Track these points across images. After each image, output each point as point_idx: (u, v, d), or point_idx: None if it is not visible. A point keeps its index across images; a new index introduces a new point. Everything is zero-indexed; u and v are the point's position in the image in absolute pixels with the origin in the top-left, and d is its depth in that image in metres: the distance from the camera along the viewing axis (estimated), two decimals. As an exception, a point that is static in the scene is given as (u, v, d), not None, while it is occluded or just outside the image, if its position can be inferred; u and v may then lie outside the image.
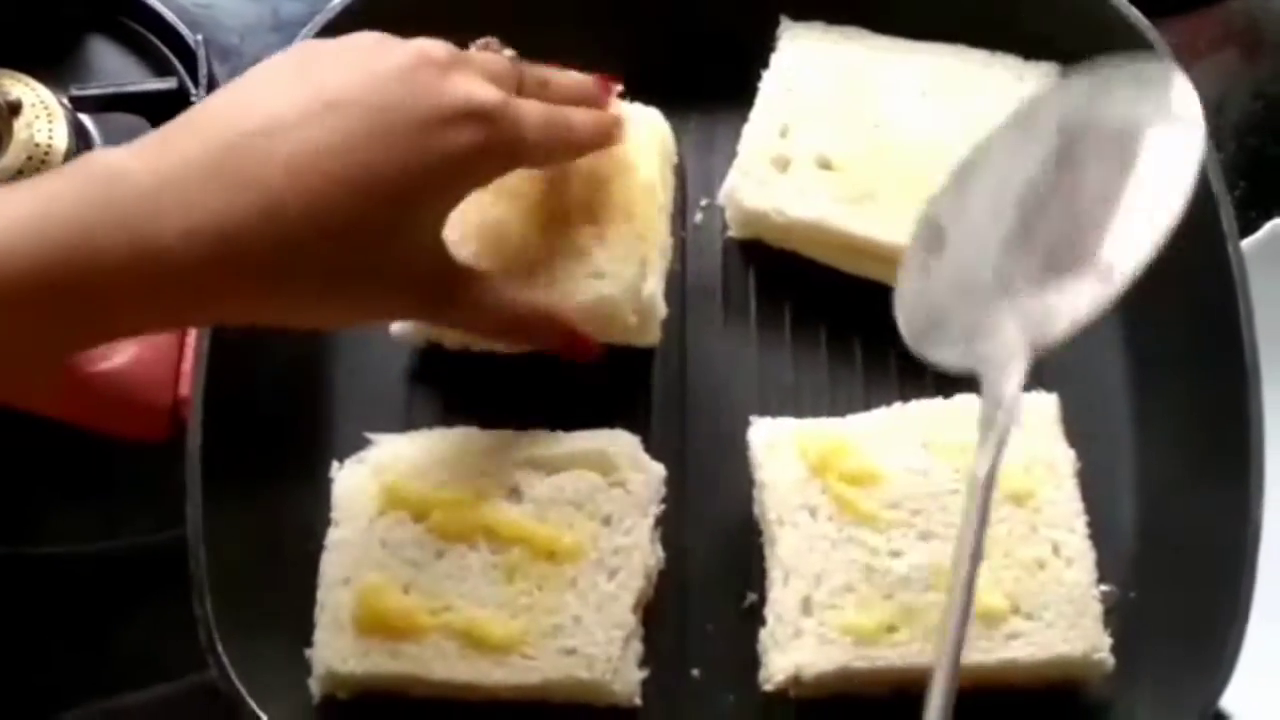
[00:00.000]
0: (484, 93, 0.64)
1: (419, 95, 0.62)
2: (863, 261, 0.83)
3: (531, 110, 0.68)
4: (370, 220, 0.61)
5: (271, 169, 0.59)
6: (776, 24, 0.88)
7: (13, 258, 0.55)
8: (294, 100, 0.61)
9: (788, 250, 0.86)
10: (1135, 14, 0.84)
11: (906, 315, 0.69)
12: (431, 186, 0.63)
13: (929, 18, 0.87)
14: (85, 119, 0.96)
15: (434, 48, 0.65)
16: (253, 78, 0.64)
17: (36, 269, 0.55)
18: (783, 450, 0.78)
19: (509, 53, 0.73)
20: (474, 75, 0.66)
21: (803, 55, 0.87)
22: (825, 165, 0.84)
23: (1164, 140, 0.63)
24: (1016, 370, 0.62)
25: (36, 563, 0.87)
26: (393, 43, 0.65)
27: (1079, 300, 0.62)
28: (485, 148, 0.64)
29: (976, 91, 0.86)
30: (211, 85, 0.96)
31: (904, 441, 0.77)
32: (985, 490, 0.61)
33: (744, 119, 0.86)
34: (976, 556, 0.60)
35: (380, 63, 0.63)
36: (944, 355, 0.67)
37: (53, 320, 0.57)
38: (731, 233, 0.87)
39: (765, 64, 0.87)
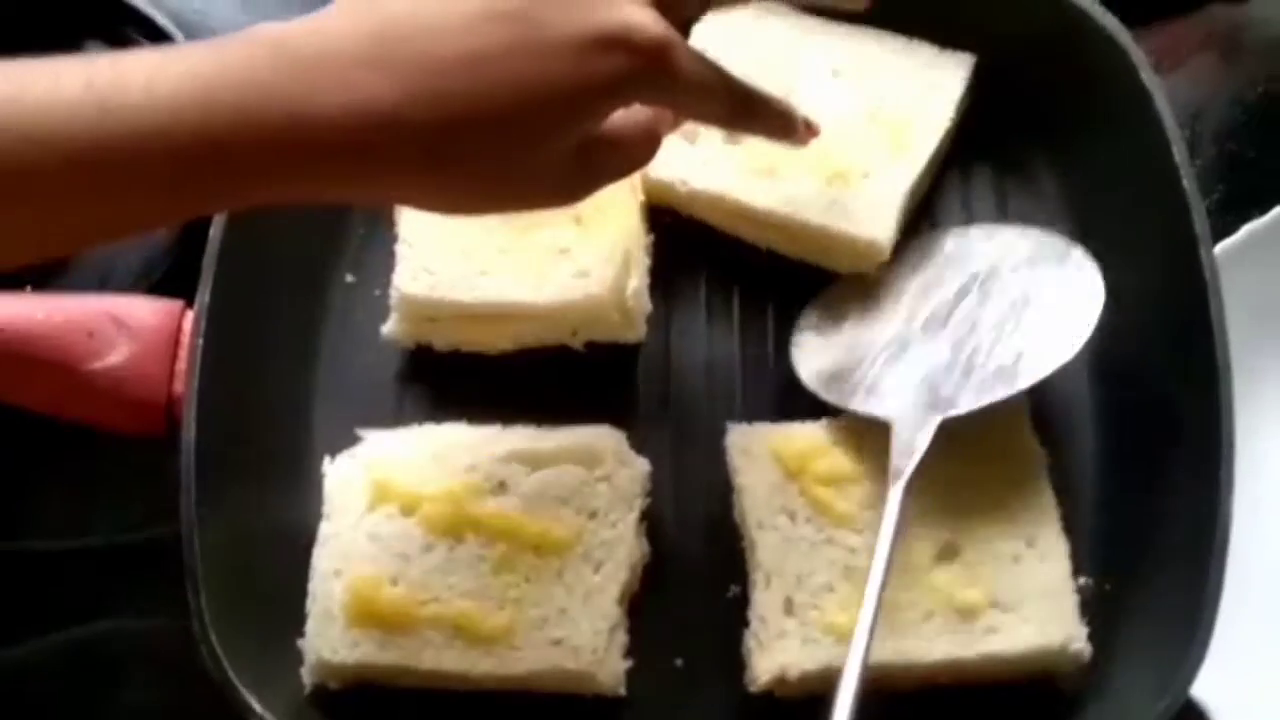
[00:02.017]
0: (641, 20, 0.62)
1: (574, 18, 0.61)
2: (766, 233, 0.86)
3: (691, 58, 0.66)
4: (527, 120, 0.61)
5: (435, 61, 0.59)
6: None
7: (182, 115, 0.56)
8: (455, 7, 0.61)
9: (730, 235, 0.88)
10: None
11: (807, 365, 0.83)
12: (579, 103, 0.62)
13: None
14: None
15: None
16: None
17: (201, 129, 0.56)
18: (759, 455, 0.79)
19: None
20: (639, 2, 0.64)
21: (722, 29, 0.87)
22: (732, 139, 0.86)
23: (1066, 296, 0.80)
24: (929, 428, 0.76)
25: (31, 558, 0.88)
26: None
27: (983, 392, 0.77)
28: (631, 77, 0.62)
29: (887, 75, 0.88)
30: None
31: (877, 443, 0.78)
32: (897, 520, 0.72)
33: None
34: (886, 574, 0.70)
35: None
36: (847, 401, 0.80)
37: (212, 179, 0.59)
38: (641, 198, 0.87)
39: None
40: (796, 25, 0.90)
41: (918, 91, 0.88)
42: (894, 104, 0.87)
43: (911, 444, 0.75)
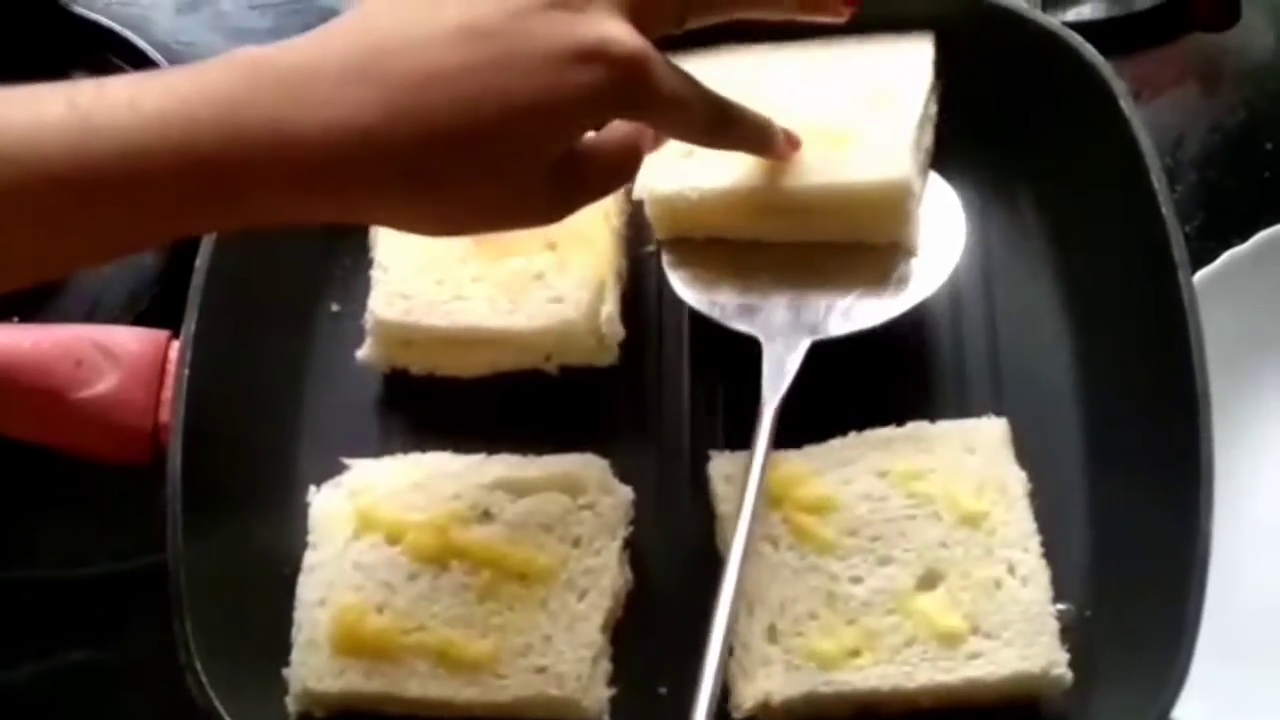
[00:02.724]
0: (618, 34, 0.63)
1: (553, 32, 0.62)
2: (784, 221, 0.83)
3: (667, 72, 0.66)
4: (508, 134, 0.62)
5: (415, 76, 0.60)
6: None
7: (166, 132, 0.56)
8: (431, 24, 0.61)
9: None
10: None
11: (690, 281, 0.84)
12: (559, 115, 0.63)
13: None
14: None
15: None
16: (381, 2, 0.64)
17: (184, 145, 0.57)
18: (742, 483, 0.79)
19: None
20: (615, 14, 0.64)
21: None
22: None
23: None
24: (799, 349, 0.79)
25: (15, 586, 0.88)
26: None
27: (850, 319, 0.80)
28: (609, 89, 0.63)
29: (857, 61, 0.87)
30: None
31: (859, 469, 0.79)
32: (769, 424, 0.76)
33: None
34: (757, 501, 0.74)
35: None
36: (718, 312, 0.82)
37: (196, 197, 0.59)
38: (658, 235, 0.86)
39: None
40: (751, 51, 0.88)
41: (891, 61, 0.87)
42: (871, 76, 0.86)
43: (782, 365, 0.78)
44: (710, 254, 0.84)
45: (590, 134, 0.68)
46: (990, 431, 0.80)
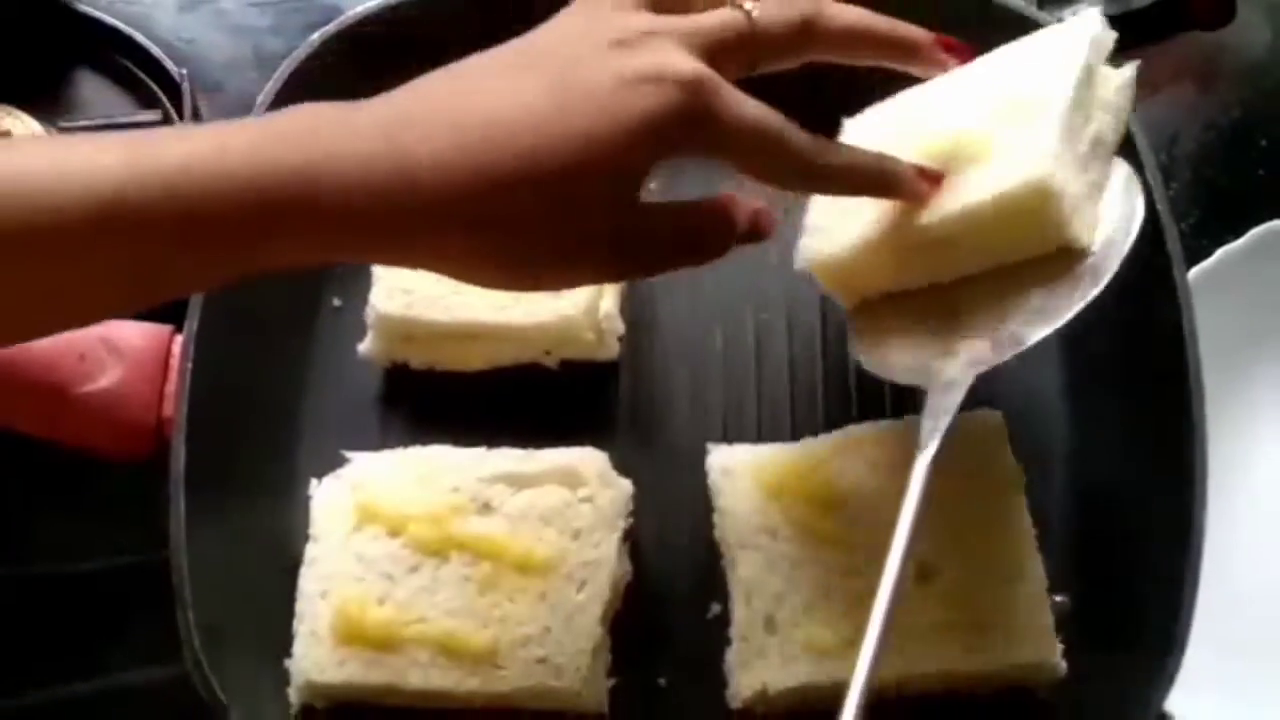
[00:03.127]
0: (679, 60, 0.60)
1: (611, 63, 0.59)
2: (935, 263, 0.74)
3: (738, 99, 0.61)
4: (569, 175, 0.58)
5: (471, 118, 0.58)
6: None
7: (235, 178, 0.55)
8: (489, 62, 0.61)
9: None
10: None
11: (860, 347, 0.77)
12: (621, 147, 0.58)
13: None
14: (73, 151, 0.98)
15: (638, 21, 0.61)
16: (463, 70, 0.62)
17: (249, 189, 0.56)
18: (740, 476, 0.80)
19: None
20: (678, 46, 0.61)
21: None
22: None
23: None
24: (960, 392, 0.70)
25: (19, 581, 0.89)
26: (598, 19, 0.62)
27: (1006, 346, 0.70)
28: (671, 114, 0.59)
29: (994, 72, 0.77)
30: (197, 117, 0.99)
31: (857, 462, 0.79)
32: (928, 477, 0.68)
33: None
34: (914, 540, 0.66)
35: (582, 40, 0.61)
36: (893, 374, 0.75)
37: (251, 242, 0.58)
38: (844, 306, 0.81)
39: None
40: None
41: (1043, 50, 0.75)
42: (1013, 76, 0.75)
43: (938, 412, 0.69)
44: (891, 311, 0.77)
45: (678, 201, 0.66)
46: (986, 423, 0.80)
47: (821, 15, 0.67)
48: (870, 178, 0.68)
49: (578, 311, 0.83)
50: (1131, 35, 0.98)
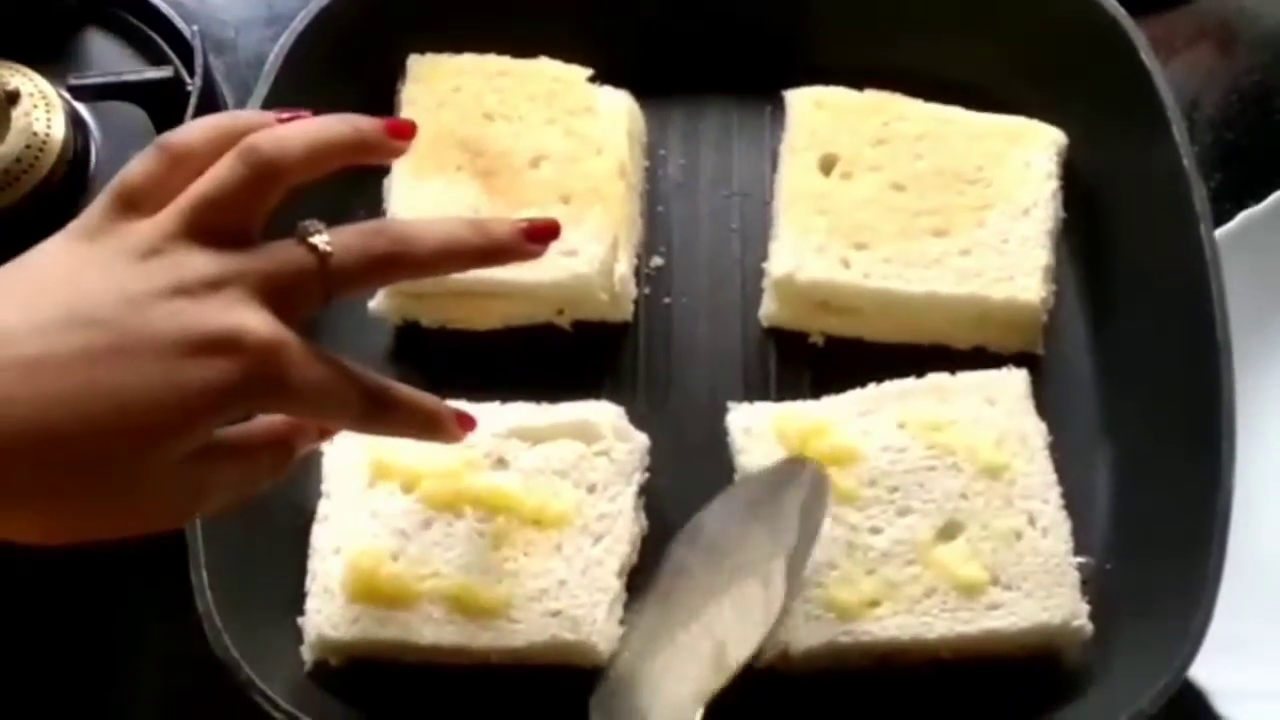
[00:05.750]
0: (250, 323, 0.57)
1: (175, 322, 0.55)
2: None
3: (308, 359, 0.59)
4: (113, 434, 0.54)
5: (12, 370, 0.53)
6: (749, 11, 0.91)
7: None
8: (34, 311, 0.54)
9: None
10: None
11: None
12: (179, 413, 0.55)
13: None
14: (82, 109, 0.97)
15: (201, 264, 0.57)
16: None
17: None
18: (762, 434, 0.79)
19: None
20: (247, 300, 0.58)
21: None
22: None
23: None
24: None
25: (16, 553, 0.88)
26: (153, 260, 0.57)
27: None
28: (239, 385, 0.56)
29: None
30: (207, 76, 0.97)
31: (879, 421, 0.79)
32: None
33: (722, 104, 0.91)
34: None
35: (136, 282, 0.56)
36: None
37: None
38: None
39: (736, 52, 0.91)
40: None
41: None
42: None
43: None
44: None
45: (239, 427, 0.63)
46: (1011, 383, 0.79)
47: (407, 250, 0.63)
48: (418, 423, 0.68)
49: (592, 270, 0.82)
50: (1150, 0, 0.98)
